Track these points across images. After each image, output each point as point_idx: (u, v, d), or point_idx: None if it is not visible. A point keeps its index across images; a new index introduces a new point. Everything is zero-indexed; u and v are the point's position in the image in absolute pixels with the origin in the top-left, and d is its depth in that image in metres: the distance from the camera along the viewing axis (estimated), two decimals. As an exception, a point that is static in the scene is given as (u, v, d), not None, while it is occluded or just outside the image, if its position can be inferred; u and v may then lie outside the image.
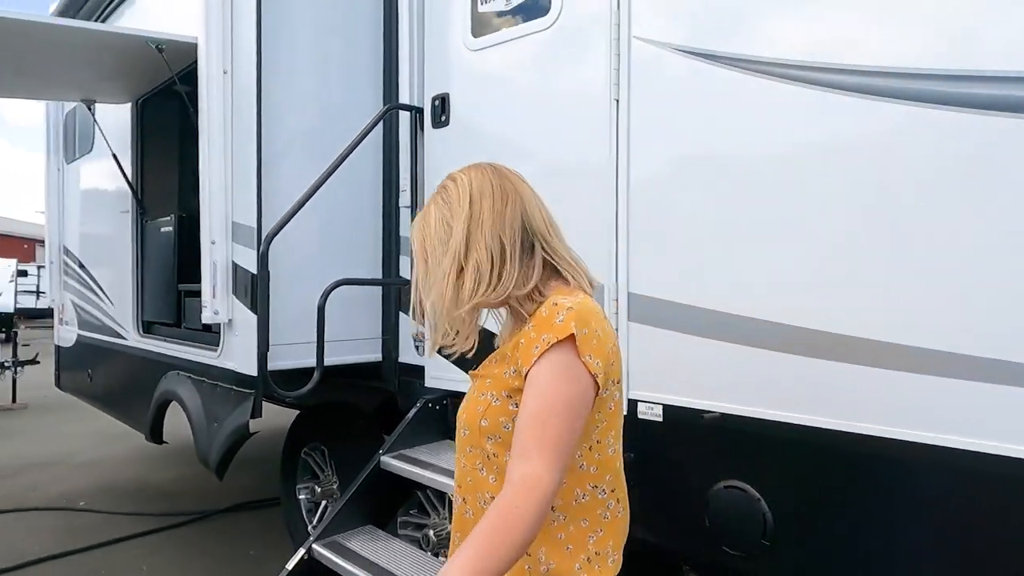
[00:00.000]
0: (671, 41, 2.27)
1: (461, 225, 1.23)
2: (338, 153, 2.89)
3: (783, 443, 1.99)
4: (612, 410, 1.20)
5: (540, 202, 1.32)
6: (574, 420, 1.09)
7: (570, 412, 1.08)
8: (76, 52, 3.31)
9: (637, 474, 2.35)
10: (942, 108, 1.72)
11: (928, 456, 1.72)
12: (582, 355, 1.10)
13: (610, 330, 1.19)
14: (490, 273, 1.20)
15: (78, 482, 5.68)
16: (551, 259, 1.25)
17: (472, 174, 1.31)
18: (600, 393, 1.13)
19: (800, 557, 1.99)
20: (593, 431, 1.17)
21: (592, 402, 1.12)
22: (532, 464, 1.04)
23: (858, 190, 1.86)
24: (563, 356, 1.10)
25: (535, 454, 1.05)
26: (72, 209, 5.48)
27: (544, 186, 2.58)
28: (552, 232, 1.29)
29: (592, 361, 1.10)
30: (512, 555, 1.00)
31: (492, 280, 1.20)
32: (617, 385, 1.20)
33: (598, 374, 1.11)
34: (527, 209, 1.27)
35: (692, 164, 2.22)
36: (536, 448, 1.05)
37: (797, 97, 1.97)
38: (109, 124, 4.34)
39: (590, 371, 1.10)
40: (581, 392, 1.10)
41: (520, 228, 1.24)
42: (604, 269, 2.40)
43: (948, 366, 1.69)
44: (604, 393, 1.15)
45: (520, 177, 1.34)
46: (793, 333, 1.96)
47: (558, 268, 1.26)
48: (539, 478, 1.03)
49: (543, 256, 1.25)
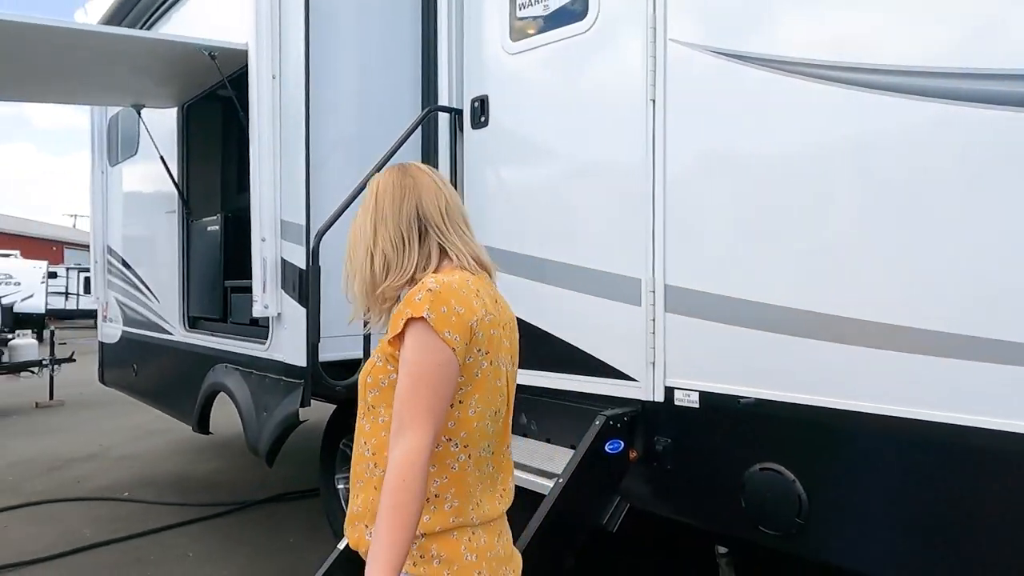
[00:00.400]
0: (705, 43, 2.37)
1: (370, 221, 1.46)
2: (380, 153, 3.02)
3: (816, 426, 2.08)
4: (479, 377, 1.35)
5: (442, 194, 1.48)
6: (441, 387, 1.27)
7: (436, 380, 1.27)
8: (132, 60, 3.48)
9: (674, 458, 2.46)
10: (971, 105, 1.80)
11: (954, 436, 1.81)
12: (439, 331, 1.26)
13: (477, 306, 1.34)
14: (395, 259, 1.42)
15: (120, 474, 5.88)
16: (442, 243, 1.44)
17: (382, 176, 1.51)
18: (465, 360, 1.31)
19: (833, 535, 2.08)
20: (456, 392, 1.33)
21: (456, 371, 1.29)
22: (407, 437, 1.23)
23: (887, 185, 1.95)
24: (423, 333, 1.27)
25: (409, 425, 1.24)
26: (116, 210, 5.68)
27: (581, 184, 2.72)
28: (446, 220, 1.46)
29: (451, 336, 1.27)
30: (413, 522, 1.20)
31: (397, 265, 1.42)
32: (486, 355, 1.35)
33: (456, 348, 1.27)
34: (422, 201, 1.45)
35: (725, 161, 2.32)
36: (410, 419, 1.24)
37: (827, 96, 2.06)
38: (155, 128, 4.52)
39: (449, 345, 1.27)
40: (444, 362, 1.27)
41: (415, 218, 1.44)
42: (640, 263, 2.51)
43: (973, 349, 1.78)
44: (468, 360, 1.32)
45: (427, 172, 1.51)
46: (823, 321, 2.05)
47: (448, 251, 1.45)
48: (417, 449, 1.22)
49: (437, 241, 1.44)
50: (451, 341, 1.26)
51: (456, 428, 1.34)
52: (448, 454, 1.34)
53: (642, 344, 2.50)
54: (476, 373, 1.34)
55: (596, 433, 2.42)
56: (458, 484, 1.36)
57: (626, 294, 2.56)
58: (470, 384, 1.34)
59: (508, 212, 3.03)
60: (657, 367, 2.48)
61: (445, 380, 1.27)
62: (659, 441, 2.49)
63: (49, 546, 4.21)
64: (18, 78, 3.78)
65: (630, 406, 2.54)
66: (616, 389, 2.59)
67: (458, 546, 1.33)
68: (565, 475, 2.34)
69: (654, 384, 2.48)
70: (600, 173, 2.69)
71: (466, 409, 1.35)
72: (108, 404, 8.97)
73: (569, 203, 2.80)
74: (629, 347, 2.55)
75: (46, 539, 4.35)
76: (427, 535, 1.31)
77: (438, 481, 1.34)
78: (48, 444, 6.99)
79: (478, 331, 1.32)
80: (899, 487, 1.94)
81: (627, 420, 2.50)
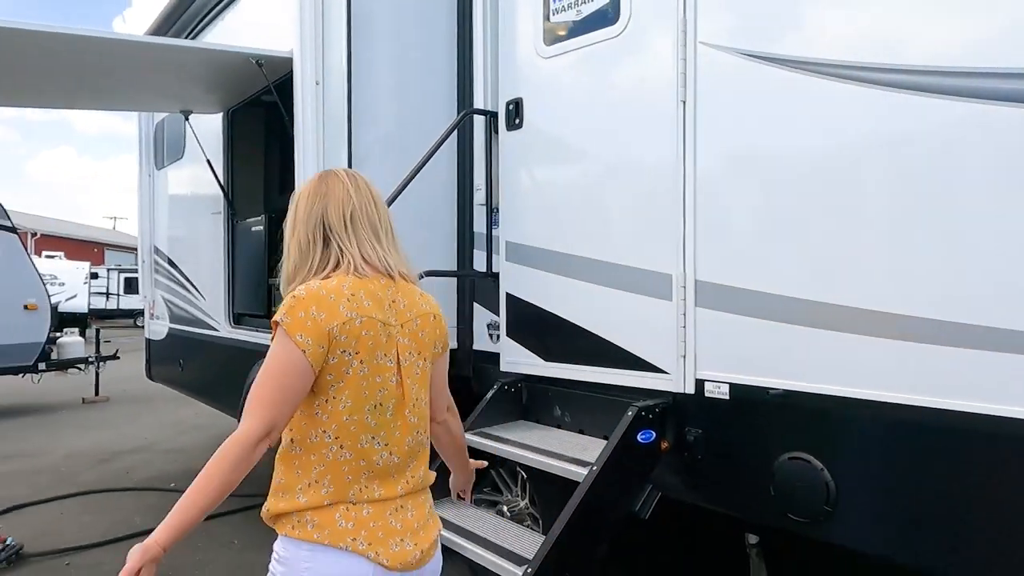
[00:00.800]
0: (733, 45, 2.44)
1: (290, 222, 1.62)
2: (418, 154, 3.14)
3: (844, 416, 2.15)
4: (349, 375, 1.48)
5: (350, 202, 1.58)
6: (285, 383, 1.42)
7: (280, 377, 1.42)
8: (184, 69, 3.65)
9: (705, 448, 2.54)
10: (998, 104, 1.86)
11: (976, 425, 1.86)
12: (291, 335, 1.42)
13: (343, 311, 1.46)
14: (301, 260, 1.57)
15: (166, 466, 6.11)
16: (340, 248, 1.56)
17: (305, 181, 1.67)
18: (328, 360, 1.45)
19: (860, 522, 2.15)
20: (328, 389, 1.47)
21: (305, 370, 1.43)
22: (245, 422, 1.40)
23: (910, 182, 2.01)
24: (279, 335, 1.44)
25: (248, 413, 1.40)
26: (162, 212, 5.90)
27: (613, 182, 2.81)
28: (348, 227, 1.57)
29: (302, 339, 1.42)
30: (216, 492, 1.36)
31: (302, 265, 1.56)
32: (356, 355, 1.48)
33: (307, 350, 1.42)
34: (328, 208, 1.57)
35: (753, 159, 2.39)
36: (250, 408, 1.41)
37: (852, 95, 2.13)
38: (201, 133, 4.71)
39: (299, 347, 1.41)
40: (291, 361, 1.42)
41: (320, 224, 1.57)
42: (671, 259, 2.59)
43: (997, 340, 1.83)
44: (333, 360, 1.46)
45: (344, 180, 1.62)
46: (849, 314, 2.11)
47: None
48: (247, 433, 1.39)
49: (337, 246, 1.56)
50: (301, 343, 1.41)
51: (328, 421, 1.48)
52: (322, 445, 1.48)
53: (673, 337, 2.58)
54: (346, 371, 1.47)
55: (629, 423, 2.50)
56: (333, 472, 1.49)
57: (657, 289, 2.64)
58: (340, 381, 1.47)
59: (542, 211, 3.13)
60: (688, 360, 2.55)
61: (290, 377, 1.42)
62: (690, 432, 2.56)
63: (103, 532, 4.42)
64: (75, 87, 3.99)
65: (661, 398, 2.62)
66: (648, 381, 2.67)
67: (332, 515, 1.48)
68: (599, 463, 2.43)
69: (685, 376, 2.56)
70: (632, 172, 2.77)
71: (337, 404, 1.48)
72: (151, 400, 9.28)
73: (601, 202, 2.89)
74: (660, 340, 2.63)
75: (100, 526, 4.57)
76: (304, 509, 1.47)
77: (316, 468, 1.48)
78: (97, 437, 7.27)
79: (340, 335, 1.45)
80: (923, 475, 2.00)
81: (658, 411, 2.58)
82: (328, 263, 1.55)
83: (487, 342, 3.47)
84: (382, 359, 1.52)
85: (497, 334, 3.36)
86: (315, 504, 1.47)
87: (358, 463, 1.50)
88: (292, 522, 1.48)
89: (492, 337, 3.44)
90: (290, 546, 1.48)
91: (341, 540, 1.46)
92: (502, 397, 3.17)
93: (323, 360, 1.45)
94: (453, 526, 2.65)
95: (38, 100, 4.44)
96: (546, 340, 3.09)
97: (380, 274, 1.58)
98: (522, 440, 2.87)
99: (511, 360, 3.24)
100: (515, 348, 3.22)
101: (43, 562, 4.01)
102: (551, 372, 3.07)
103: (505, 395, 3.19)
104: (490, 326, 3.45)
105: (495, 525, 2.72)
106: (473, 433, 2.98)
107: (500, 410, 3.16)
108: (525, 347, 3.19)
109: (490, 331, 3.46)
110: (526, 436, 2.94)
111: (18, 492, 5.25)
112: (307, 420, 1.49)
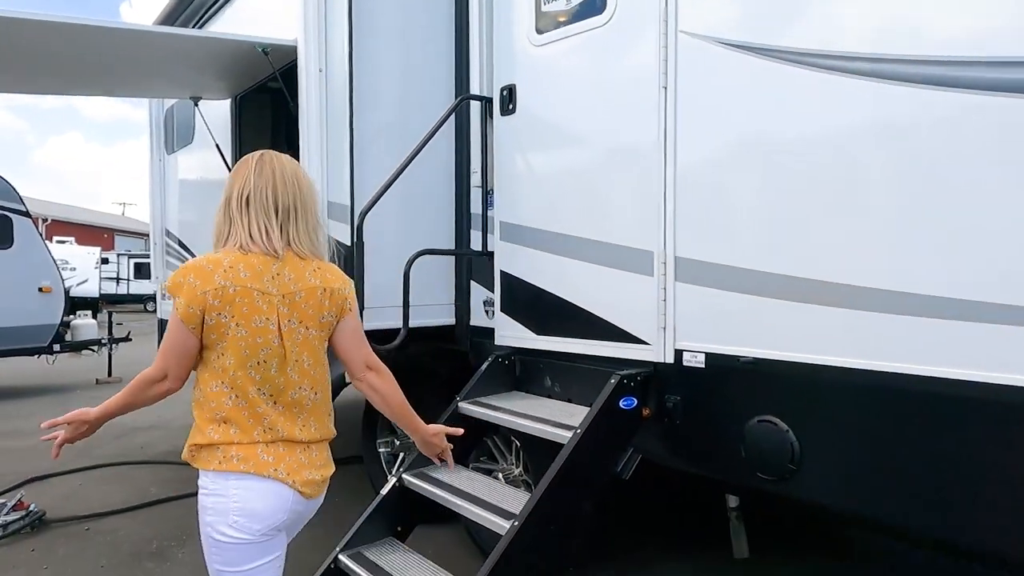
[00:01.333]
0: (713, 35, 2.59)
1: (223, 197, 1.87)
2: (416, 139, 3.30)
3: (806, 382, 2.32)
4: (228, 335, 1.74)
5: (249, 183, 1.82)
6: (172, 337, 1.76)
7: (170, 332, 1.76)
8: (195, 57, 3.81)
9: (683, 414, 2.71)
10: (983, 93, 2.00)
11: (926, 387, 2.03)
12: (174, 296, 1.74)
13: (217, 280, 1.73)
14: (216, 232, 1.85)
15: (179, 442, 6.21)
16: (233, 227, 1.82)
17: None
18: (207, 321, 1.73)
19: (822, 479, 2.32)
20: (216, 346, 1.76)
21: (180, 325, 1.74)
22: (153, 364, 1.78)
23: (863, 164, 2.16)
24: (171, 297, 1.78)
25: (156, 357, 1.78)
26: (173, 195, 6.09)
27: (600, 165, 2.97)
28: (242, 206, 1.81)
29: (179, 302, 1.73)
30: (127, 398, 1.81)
31: (218, 238, 1.84)
32: (232, 318, 1.74)
33: (179, 308, 1.73)
34: (232, 188, 1.83)
35: (731, 143, 2.54)
36: (157, 354, 1.79)
37: (823, 83, 2.27)
38: (210, 118, 4.87)
39: (178, 308, 1.73)
40: (175, 319, 1.75)
41: (226, 204, 1.83)
42: (653, 237, 2.75)
43: (937, 310, 1.99)
44: (211, 321, 1.73)
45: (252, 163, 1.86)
46: (809, 286, 2.27)
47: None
48: (147, 372, 1.78)
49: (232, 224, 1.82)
50: (177, 304, 1.74)
51: (223, 374, 1.76)
52: (222, 394, 1.76)
53: (654, 311, 2.75)
54: (226, 332, 1.74)
55: (612, 390, 2.68)
56: (235, 416, 1.76)
57: (640, 265, 2.81)
58: (223, 341, 1.75)
59: (535, 192, 3.30)
60: (668, 331, 2.72)
61: (174, 332, 1.75)
62: (669, 399, 2.74)
63: (121, 501, 4.64)
64: (91, 75, 4.16)
65: (643, 367, 2.79)
66: (630, 352, 2.85)
67: (255, 450, 1.76)
68: (582, 427, 2.61)
69: (665, 347, 2.73)
70: (618, 155, 2.93)
71: (224, 360, 1.76)
72: (163, 380, 9.49)
73: (589, 183, 3.05)
74: (642, 314, 2.80)
75: (117, 495, 4.79)
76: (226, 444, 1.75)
77: (219, 414, 1.76)
78: (111, 415, 7.50)
79: (213, 299, 1.72)
80: (878, 435, 2.17)
81: (640, 380, 2.75)
82: (227, 238, 1.82)
83: (483, 318, 3.64)
84: (262, 323, 1.76)
85: (492, 310, 3.53)
86: (226, 440, 1.75)
87: (253, 410, 1.77)
88: (219, 458, 1.74)
89: (488, 313, 3.61)
90: (218, 479, 1.74)
91: (265, 470, 1.74)
92: (496, 369, 3.35)
93: (198, 321, 1.73)
94: (448, 486, 2.85)
95: (54, 87, 4.62)
96: (537, 315, 3.27)
97: (264, 251, 1.79)
98: (513, 408, 3.05)
99: (504, 334, 3.42)
100: (509, 323, 3.40)
101: (64, 527, 4.23)
102: (542, 345, 3.24)
103: (499, 367, 3.37)
104: (486, 303, 3.62)
105: (488, 486, 2.91)
106: (468, 402, 3.16)
107: (494, 381, 3.34)
108: (518, 322, 3.36)
109: (486, 307, 3.63)
110: (517, 404, 3.13)
111: (38, 465, 5.47)
112: (209, 373, 1.78)
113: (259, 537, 1.75)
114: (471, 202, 3.68)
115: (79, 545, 3.96)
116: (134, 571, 3.59)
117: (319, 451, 1.88)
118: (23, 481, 4.99)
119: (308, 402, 1.85)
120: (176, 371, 1.77)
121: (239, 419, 1.75)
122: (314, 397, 1.86)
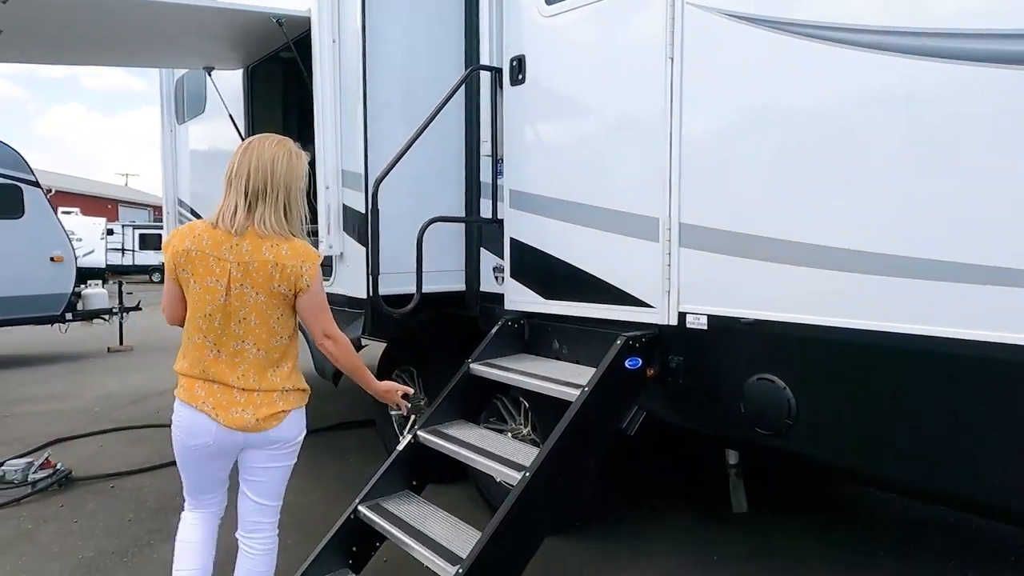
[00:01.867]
0: (719, 7, 2.65)
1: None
2: (428, 109, 3.37)
3: (803, 341, 2.44)
4: (190, 289, 2.15)
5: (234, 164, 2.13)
6: (166, 283, 2.24)
7: (167, 278, 2.22)
8: (209, 27, 3.88)
9: (686, 374, 2.84)
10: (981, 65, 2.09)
11: (913, 344, 2.15)
12: (164, 251, 2.18)
13: (183, 243, 2.13)
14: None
15: (194, 406, 6.48)
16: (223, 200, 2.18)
17: None
18: (178, 275, 2.15)
19: (816, 433, 2.45)
20: (185, 296, 2.18)
21: (169, 277, 2.20)
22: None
23: (858, 132, 2.25)
24: None
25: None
26: (184, 164, 6.18)
27: (607, 134, 3.06)
28: (227, 187, 2.15)
29: (165, 256, 2.18)
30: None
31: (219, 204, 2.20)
32: (191, 275, 2.13)
33: (165, 261, 2.20)
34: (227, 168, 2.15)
35: (734, 112, 2.63)
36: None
37: (824, 54, 2.35)
38: (222, 88, 4.94)
39: (164, 261, 2.18)
40: (166, 268, 2.19)
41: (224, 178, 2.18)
42: (659, 203, 2.85)
43: (924, 271, 2.10)
44: (182, 276, 2.15)
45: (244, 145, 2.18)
46: (807, 249, 2.38)
47: None
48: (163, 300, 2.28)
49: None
50: (165, 259, 2.18)
51: (188, 321, 2.19)
52: (187, 335, 2.20)
53: (659, 275, 2.86)
54: (188, 286, 2.16)
55: (617, 351, 2.80)
56: (189, 355, 2.20)
57: (646, 232, 2.91)
58: (188, 293, 2.17)
59: (544, 161, 3.39)
60: (672, 295, 2.84)
61: (165, 279, 2.23)
62: (673, 359, 2.87)
63: (143, 461, 4.83)
64: (105, 45, 4.23)
65: (648, 329, 2.91)
66: (636, 315, 2.97)
67: (194, 384, 2.18)
68: (590, 385, 2.74)
69: (669, 310, 2.85)
70: (625, 124, 3.02)
71: (191, 307, 2.17)
72: (173, 349, 9.61)
73: (597, 151, 3.14)
74: (648, 278, 2.91)
75: (138, 456, 4.97)
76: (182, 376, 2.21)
77: (186, 348, 2.20)
78: (125, 381, 7.69)
79: (180, 258, 2.13)
80: (870, 391, 2.30)
81: (645, 341, 2.87)
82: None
83: (493, 284, 3.75)
84: (212, 283, 2.12)
85: (502, 276, 3.65)
86: (185, 373, 2.20)
87: (203, 353, 2.17)
88: (180, 385, 2.21)
89: (497, 280, 3.72)
90: (176, 402, 2.22)
91: (194, 401, 2.17)
92: (506, 332, 3.48)
93: (173, 272, 2.17)
94: (461, 442, 2.99)
95: (75, 58, 4.69)
96: (546, 280, 3.38)
97: (227, 229, 2.11)
98: (523, 368, 3.18)
99: (513, 299, 3.54)
100: (518, 288, 3.52)
101: (90, 485, 4.41)
102: (550, 309, 3.36)
103: (509, 330, 3.49)
104: (495, 269, 3.74)
105: (499, 441, 3.05)
106: (479, 363, 3.29)
107: (504, 344, 3.46)
108: (527, 287, 3.48)
109: (495, 274, 3.74)
110: (526, 365, 3.26)
111: (59, 428, 5.66)
112: (186, 318, 2.20)
113: (196, 450, 2.21)
114: (481, 171, 3.77)
115: (106, 501, 4.14)
116: (160, 524, 3.77)
117: (262, 398, 2.19)
118: (48, 443, 5.17)
119: (250, 355, 2.17)
120: (171, 310, 2.25)
121: (191, 358, 2.19)
122: (256, 352, 2.17)
